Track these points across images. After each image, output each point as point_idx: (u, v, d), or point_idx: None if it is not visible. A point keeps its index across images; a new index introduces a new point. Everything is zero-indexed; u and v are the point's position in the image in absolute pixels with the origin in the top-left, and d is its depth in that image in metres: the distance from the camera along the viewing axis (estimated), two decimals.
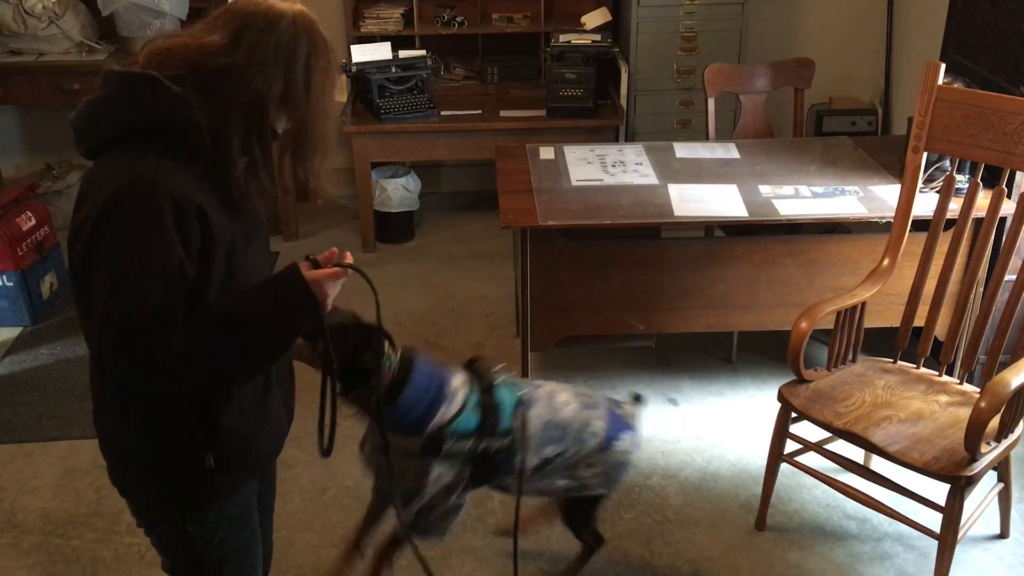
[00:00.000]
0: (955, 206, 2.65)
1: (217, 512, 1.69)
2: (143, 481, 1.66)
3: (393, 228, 4.46)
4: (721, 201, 2.95)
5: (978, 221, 2.70)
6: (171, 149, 1.48)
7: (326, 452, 1.74)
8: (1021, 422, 2.43)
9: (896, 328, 2.75)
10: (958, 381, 2.62)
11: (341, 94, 4.29)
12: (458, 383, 2.10)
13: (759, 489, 2.74)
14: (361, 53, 4.23)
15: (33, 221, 3.89)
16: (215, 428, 1.59)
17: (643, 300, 3.06)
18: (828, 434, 2.55)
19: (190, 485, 1.63)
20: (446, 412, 2.04)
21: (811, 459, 2.65)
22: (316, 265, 1.63)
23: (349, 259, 1.63)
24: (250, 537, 1.79)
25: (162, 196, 1.41)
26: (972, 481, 2.26)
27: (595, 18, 4.41)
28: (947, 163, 2.86)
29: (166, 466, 1.62)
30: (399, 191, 4.41)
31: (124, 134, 1.48)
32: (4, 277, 3.76)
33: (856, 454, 2.69)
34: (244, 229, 1.57)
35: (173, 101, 1.46)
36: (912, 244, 2.69)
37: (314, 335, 1.73)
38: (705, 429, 3.18)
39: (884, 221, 2.83)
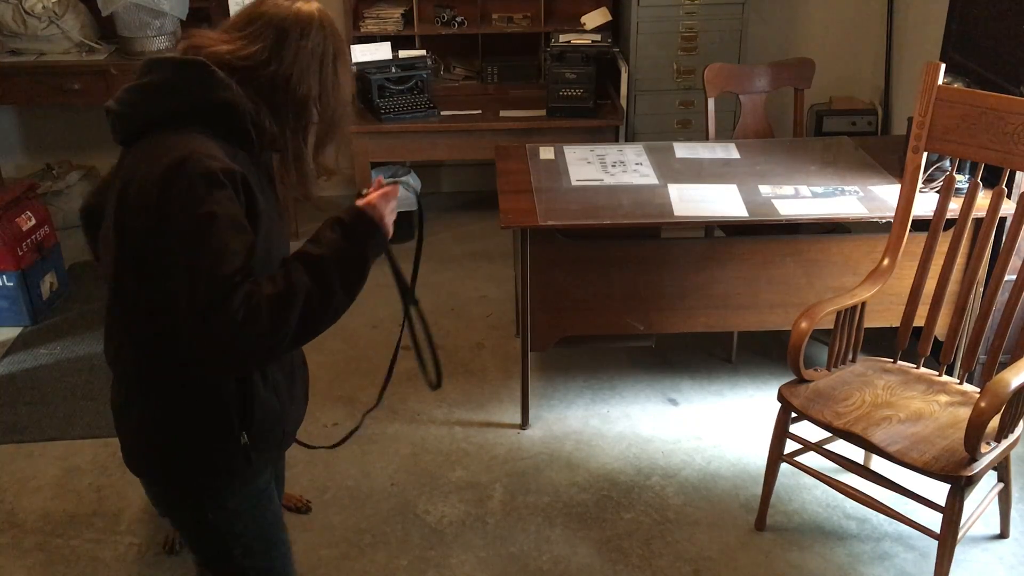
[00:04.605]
0: (955, 206, 2.65)
1: (238, 499, 1.71)
2: (174, 466, 1.68)
3: (393, 228, 4.45)
4: (721, 201, 2.95)
5: (978, 221, 2.70)
6: (215, 131, 1.54)
7: (438, 384, 1.93)
8: (1021, 422, 2.43)
9: (896, 328, 2.75)
10: (958, 381, 2.62)
11: None
12: None
13: (759, 489, 2.75)
14: (361, 53, 4.23)
15: (33, 221, 3.89)
16: (252, 405, 1.63)
17: (643, 300, 3.06)
18: (828, 434, 2.55)
19: (224, 464, 1.66)
20: None
21: (811, 459, 2.66)
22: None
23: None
24: (272, 519, 1.81)
25: (215, 164, 1.46)
26: (972, 481, 2.26)
27: (595, 18, 4.41)
28: (947, 163, 2.86)
29: (202, 447, 1.64)
30: (399, 191, 4.40)
31: (170, 116, 1.54)
32: (4, 277, 3.76)
33: (856, 454, 2.70)
34: (274, 212, 1.65)
35: (221, 86, 1.53)
36: (912, 244, 2.69)
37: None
38: (705, 429, 3.18)
39: (884, 221, 2.83)
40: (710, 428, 3.18)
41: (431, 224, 4.72)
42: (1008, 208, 2.66)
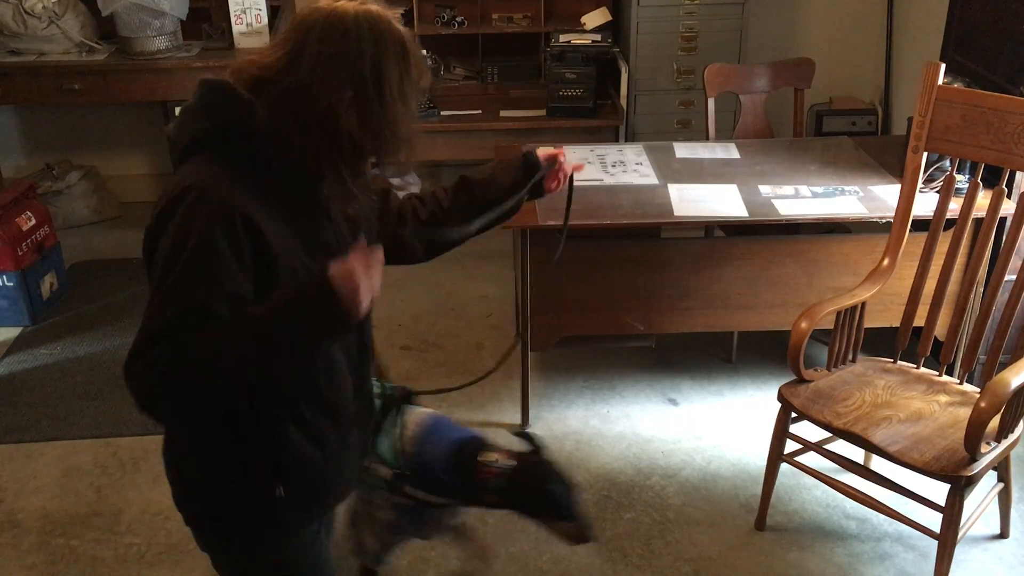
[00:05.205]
0: (955, 206, 2.65)
1: (280, 552, 1.63)
2: (210, 511, 1.60)
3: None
4: (721, 201, 2.95)
5: (978, 221, 2.70)
6: (239, 157, 1.44)
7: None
8: (1021, 422, 2.43)
9: (896, 328, 2.75)
10: (958, 381, 2.62)
11: None
12: None
13: (759, 489, 2.74)
14: None
15: (33, 221, 3.89)
16: (284, 455, 1.52)
17: (643, 300, 3.06)
18: (828, 434, 2.55)
19: (257, 516, 1.57)
20: None
21: (811, 459, 2.65)
22: (532, 160, 1.87)
23: (567, 167, 1.93)
24: (316, 569, 1.70)
25: (210, 206, 1.37)
26: (972, 481, 2.26)
27: (595, 18, 4.41)
28: (947, 163, 2.86)
29: (235, 495, 1.55)
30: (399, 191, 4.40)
31: (200, 141, 1.46)
32: (4, 277, 3.76)
33: (856, 454, 2.69)
34: (328, 240, 1.52)
35: (240, 107, 1.44)
36: (912, 244, 2.69)
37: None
38: (705, 429, 3.18)
39: (884, 221, 2.83)
40: (710, 428, 3.18)
41: None
42: (1008, 208, 2.66)
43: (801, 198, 2.97)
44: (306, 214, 1.50)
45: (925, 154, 2.64)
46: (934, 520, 2.39)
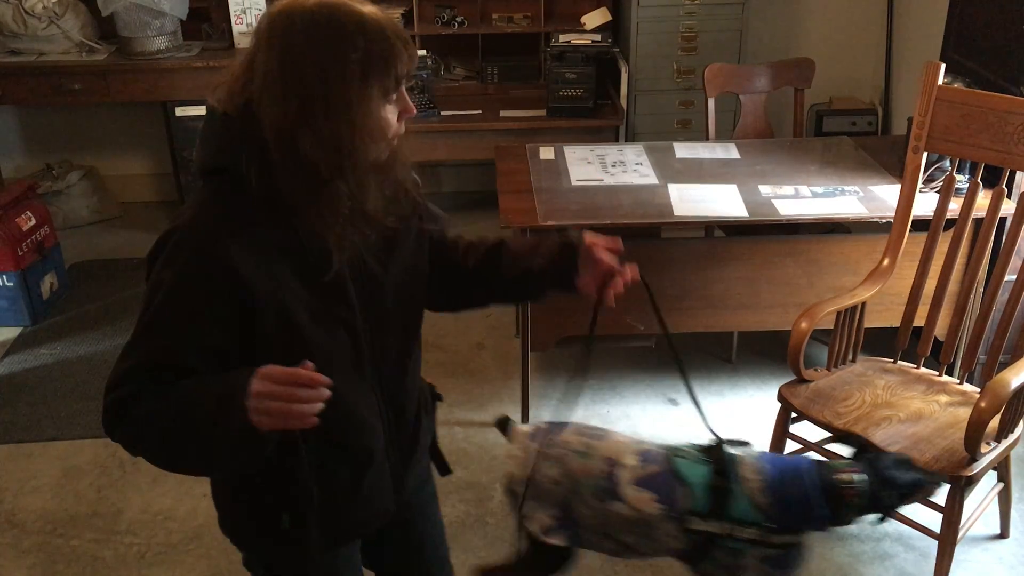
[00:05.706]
0: (955, 206, 2.64)
1: (303, 572, 1.63)
2: (236, 529, 1.62)
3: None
4: (721, 201, 2.95)
5: (978, 221, 2.70)
6: (239, 186, 1.34)
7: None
8: (1021, 422, 2.42)
9: (896, 328, 2.75)
10: (958, 381, 2.62)
11: None
12: None
13: None
14: None
15: (33, 221, 3.89)
16: (290, 487, 1.49)
17: (643, 300, 3.04)
18: (828, 434, 2.55)
19: (271, 541, 1.57)
20: None
21: None
22: (570, 244, 1.55)
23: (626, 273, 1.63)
24: None
25: (189, 254, 1.32)
26: (972, 481, 2.26)
27: (595, 18, 4.41)
28: (947, 163, 2.86)
29: (251, 519, 1.57)
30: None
31: (206, 170, 1.39)
32: (4, 277, 3.76)
33: None
34: (338, 277, 1.41)
35: (230, 139, 1.34)
36: (912, 244, 2.69)
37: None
38: (705, 429, 3.17)
39: (884, 221, 2.83)
40: None
41: None
42: (1008, 208, 2.66)
43: (801, 198, 2.97)
44: (308, 242, 1.39)
45: (925, 154, 2.64)
46: (934, 520, 2.39)
